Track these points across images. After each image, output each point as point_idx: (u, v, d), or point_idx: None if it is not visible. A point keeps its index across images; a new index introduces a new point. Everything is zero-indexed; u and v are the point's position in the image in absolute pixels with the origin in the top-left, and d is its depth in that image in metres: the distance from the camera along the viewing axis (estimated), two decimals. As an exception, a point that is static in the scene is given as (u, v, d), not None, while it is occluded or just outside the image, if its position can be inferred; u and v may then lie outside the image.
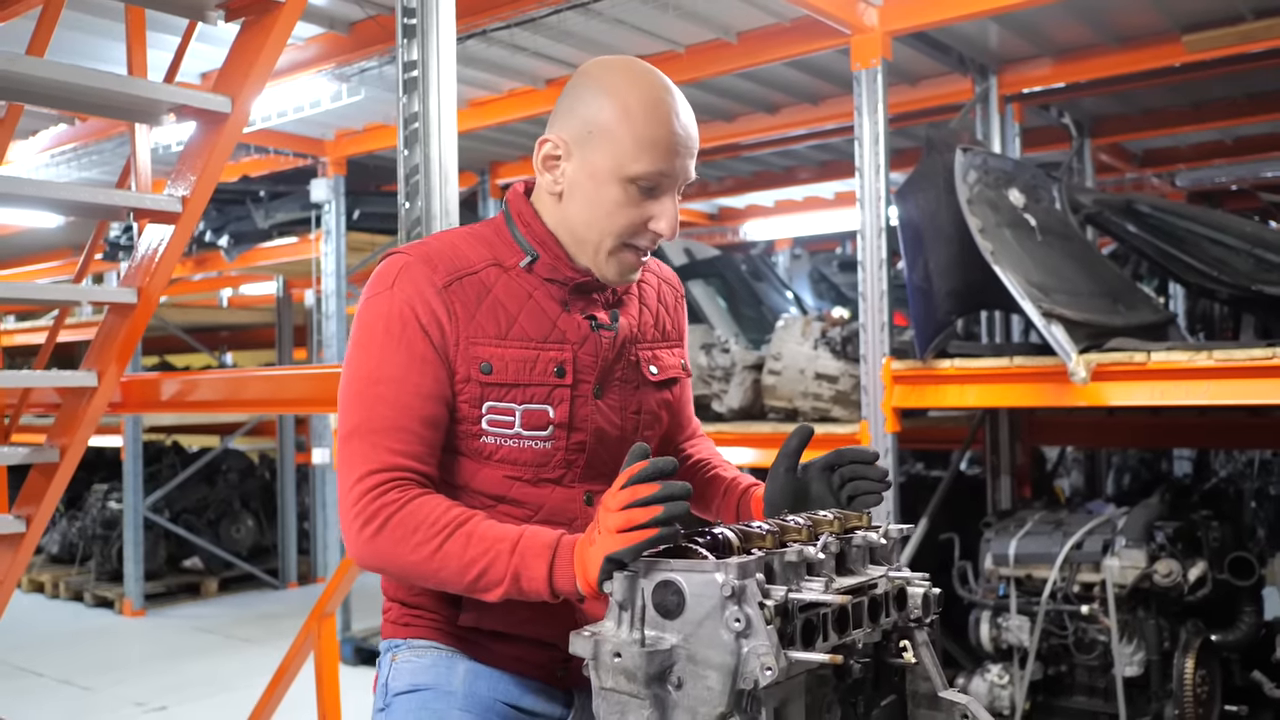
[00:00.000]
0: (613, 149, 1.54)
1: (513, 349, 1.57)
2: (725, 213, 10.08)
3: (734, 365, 5.21)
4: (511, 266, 1.61)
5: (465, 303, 1.56)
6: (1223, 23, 4.84)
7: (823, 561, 1.28)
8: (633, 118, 1.54)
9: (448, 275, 1.56)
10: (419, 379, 1.53)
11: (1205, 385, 3.76)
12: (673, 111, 1.57)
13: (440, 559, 1.45)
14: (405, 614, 1.69)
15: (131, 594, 8.07)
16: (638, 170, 1.54)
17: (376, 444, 1.51)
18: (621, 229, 1.58)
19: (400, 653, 1.68)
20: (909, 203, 4.42)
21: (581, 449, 1.62)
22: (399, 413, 1.52)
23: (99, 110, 3.21)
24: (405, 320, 1.54)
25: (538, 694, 1.66)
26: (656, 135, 1.54)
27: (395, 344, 1.53)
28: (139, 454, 8.17)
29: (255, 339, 11.64)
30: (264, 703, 3.69)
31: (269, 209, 7.30)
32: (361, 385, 1.54)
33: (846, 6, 4.41)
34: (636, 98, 1.55)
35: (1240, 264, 5.00)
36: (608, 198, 1.56)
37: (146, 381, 4.01)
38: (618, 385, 1.66)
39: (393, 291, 1.55)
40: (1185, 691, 4.16)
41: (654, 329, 1.74)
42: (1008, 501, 5.36)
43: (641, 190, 1.56)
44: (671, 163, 1.56)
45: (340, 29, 4.81)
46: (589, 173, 1.57)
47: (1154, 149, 7.80)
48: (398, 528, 1.47)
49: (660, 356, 1.73)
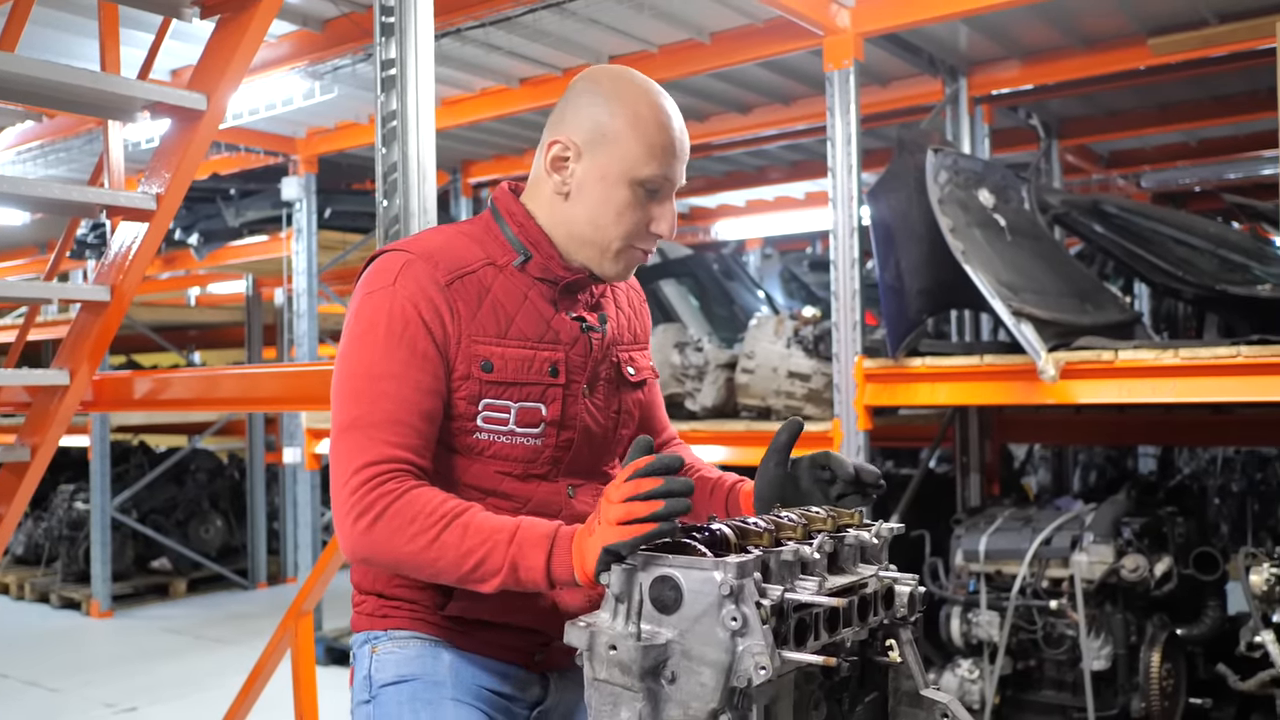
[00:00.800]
0: (624, 153, 1.60)
1: (512, 348, 1.61)
2: (697, 212, 10.10)
3: (707, 364, 5.23)
4: (504, 265, 1.65)
5: (467, 301, 1.60)
6: (1187, 27, 4.92)
7: (817, 560, 1.30)
8: (644, 124, 1.61)
9: (449, 273, 1.60)
10: (420, 375, 1.56)
11: (1171, 383, 3.82)
12: (675, 120, 1.65)
13: (437, 550, 1.47)
14: (383, 606, 1.70)
15: (99, 595, 7.97)
16: (647, 174, 1.61)
17: (374, 437, 1.53)
18: (629, 230, 1.64)
19: (381, 644, 1.69)
20: (880, 202, 4.46)
21: (569, 446, 1.67)
22: (399, 407, 1.55)
23: (72, 107, 3.18)
24: (408, 318, 1.56)
25: (516, 679, 1.71)
26: (664, 141, 1.62)
27: (397, 341, 1.56)
28: (106, 454, 8.08)
29: (223, 338, 11.54)
30: (239, 702, 3.67)
31: (239, 207, 7.24)
32: (361, 380, 1.57)
33: (819, 8, 4.45)
34: (646, 105, 1.62)
35: (1204, 264, 5.09)
36: (617, 199, 1.62)
37: (119, 380, 3.97)
38: (603, 385, 1.72)
39: (395, 288, 1.58)
40: (1151, 685, 4.24)
41: (628, 331, 1.80)
42: (977, 498, 5.42)
43: (647, 193, 1.63)
44: (674, 167, 1.64)
45: (314, 26, 4.79)
46: (599, 175, 1.62)
47: (1120, 150, 7.90)
48: (394, 519, 1.49)
49: (635, 358, 1.80)
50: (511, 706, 1.71)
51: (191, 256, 7.79)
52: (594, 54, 5.31)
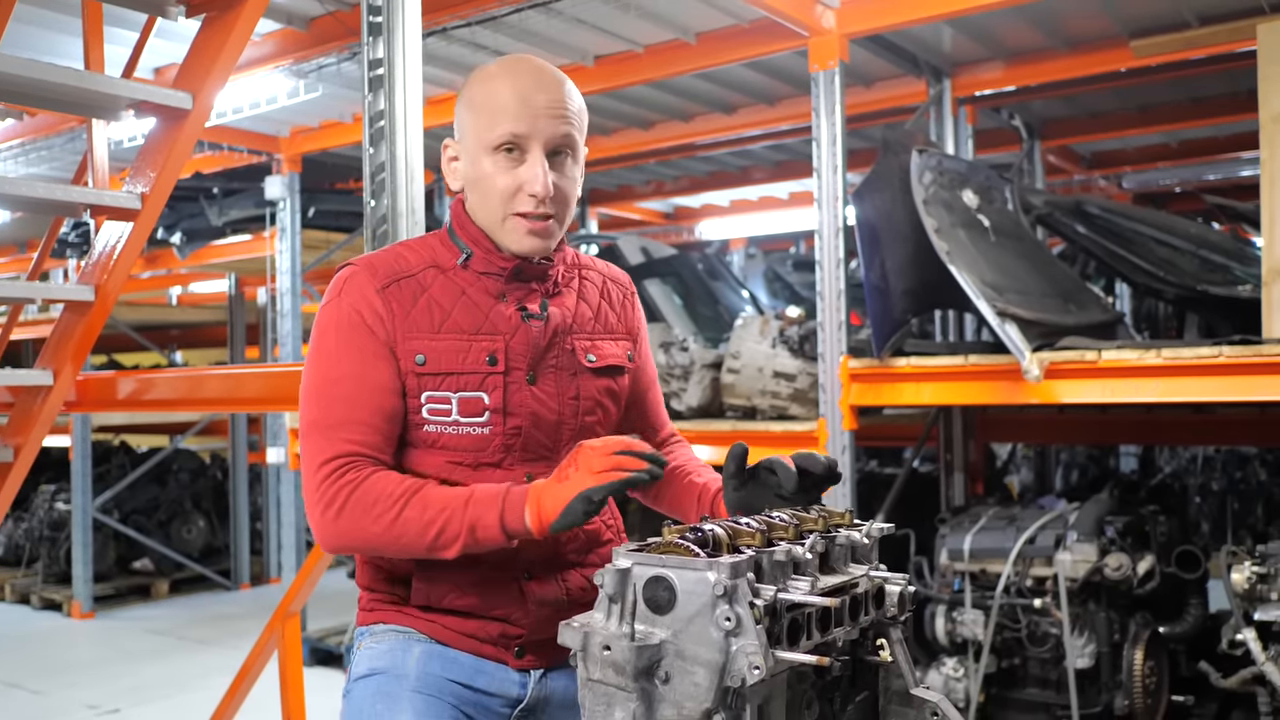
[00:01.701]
0: (475, 126, 1.70)
1: (445, 341, 1.68)
2: (681, 212, 10.13)
3: (692, 364, 5.24)
4: (450, 267, 1.73)
5: (401, 302, 1.68)
6: (1169, 29, 4.95)
7: (809, 560, 1.31)
8: (484, 94, 1.70)
9: (386, 279, 1.70)
10: (371, 374, 1.66)
11: (1154, 383, 3.85)
12: (526, 79, 1.69)
13: (400, 526, 1.57)
14: (370, 599, 1.79)
15: (80, 596, 7.93)
16: (495, 137, 1.67)
17: (333, 436, 1.63)
18: (501, 196, 1.69)
19: (364, 640, 1.78)
20: (866, 203, 4.47)
21: (518, 433, 1.71)
22: (353, 407, 1.64)
23: (57, 106, 3.16)
24: (353, 323, 1.67)
25: (492, 675, 1.73)
26: (504, 102, 1.67)
27: (346, 345, 1.67)
28: (88, 454, 8.04)
29: (205, 337, 11.48)
30: (226, 704, 3.66)
31: (223, 206, 7.21)
32: (319, 385, 1.68)
33: (804, 9, 4.46)
34: (488, 78, 1.71)
35: (1186, 264, 5.13)
36: (484, 172, 1.69)
37: (103, 380, 3.95)
38: (552, 372, 1.75)
39: (340, 299, 1.70)
40: (1134, 682, 4.27)
41: (594, 321, 1.82)
42: (961, 498, 5.45)
43: (508, 156, 1.68)
44: (522, 124, 1.66)
45: (299, 25, 4.77)
46: (469, 159, 1.72)
47: (1101, 151, 7.96)
48: (357, 504, 1.59)
49: (600, 346, 1.81)
50: (486, 702, 1.73)
51: (174, 255, 7.75)
52: (580, 53, 5.31)
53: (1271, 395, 3.68)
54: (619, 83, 5.45)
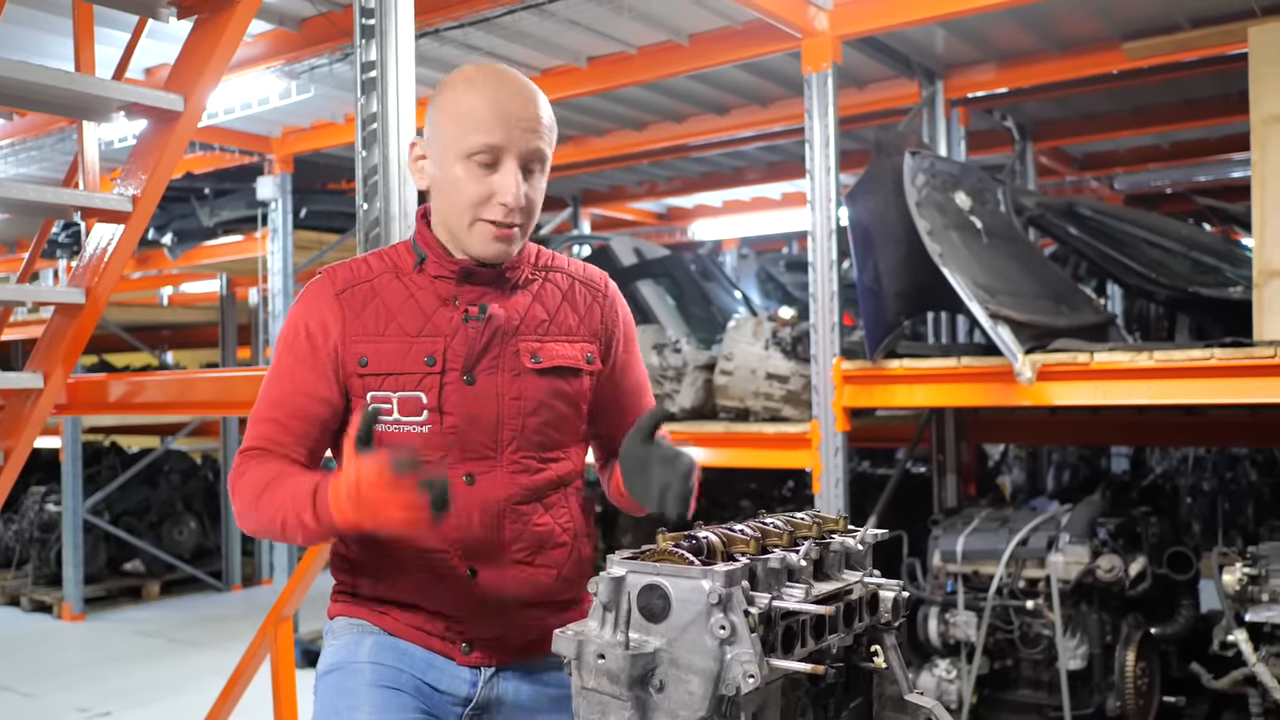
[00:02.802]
0: (448, 133, 1.72)
1: (388, 343, 1.74)
2: (674, 212, 10.12)
3: (686, 365, 5.24)
4: (406, 271, 1.80)
5: (353, 307, 1.76)
6: (1161, 31, 4.96)
7: (803, 568, 1.31)
8: (461, 103, 1.72)
9: (343, 285, 1.78)
10: (297, 378, 1.75)
11: (1146, 385, 3.86)
12: (502, 91, 1.72)
13: (259, 514, 1.67)
14: (335, 590, 1.88)
15: (71, 598, 7.89)
16: (469, 145, 1.69)
17: (252, 430, 1.75)
18: (471, 202, 1.72)
19: (327, 638, 1.86)
20: (858, 205, 4.48)
21: (455, 431, 1.74)
22: (273, 406, 1.75)
23: (47, 108, 3.15)
24: (295, 331, 1.77)
25: (442, 670, 1.77)
26: (482, 113, 1.70)
27: (286, 351, 1.77)
28: (78, 455, 8.01)
29: (197, 338, 11.44)
30: (218, 708, 3.65)
31: (214, 207, 7.18)
32: (264, 384, 1.80)
33: (797, 10, 4.46)
34: (464, 87, 1.73)
35: (1177, 266, 5.14)
36: (453, 176, 1.72)
37: (93, 383, 3.94)
38: (490, 373, 1.76)
39: (296, 306, 1.80)
40: (1126, 683, 4.28)
41: (548, 323, 1.82)
42: (954, 499, 5.46)
43: (481, 165, 1.70)
44: (497, 136, 1.69)
45: (290, 25, 4.75)
46: (438, 160, 1.75)
47: (1093, 153, 7.97)
48: (241, 492, 1.69)
49: (549, 348, 1.80)
50: (438, 700, 1.76)
51: (165, 256, 7.72)
52: (573, 55, 5.30)
53: (1262, 397, 3.69)
54: (612, 84, 5.44)
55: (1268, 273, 3.94)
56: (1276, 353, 3.57)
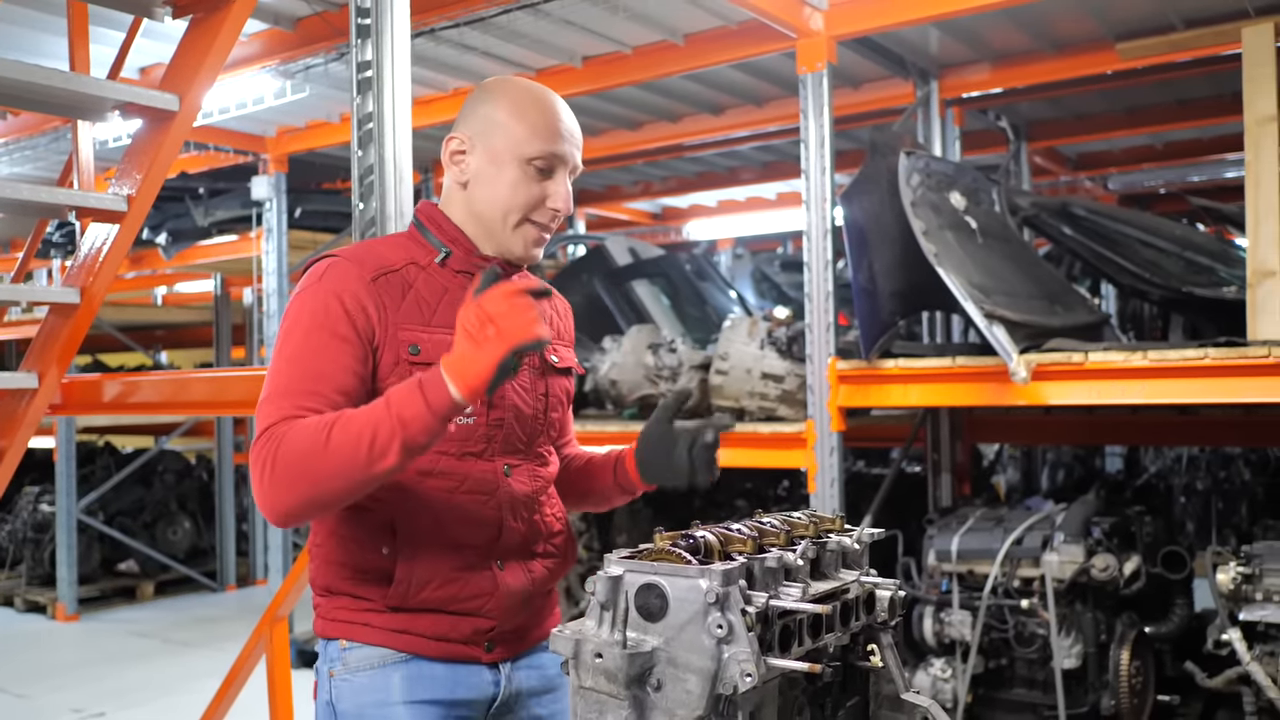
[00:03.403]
0: (510, 135, 1.76)
1: (437, 334, 1.72)
2: (669, 212, 10.13)
3: (681, 365, 5.24)
4: (427, 265, 1.79)
5: (391, 295, 1.72)
6: (1155, 32, 4.97)
7: (800, 567, 1.31)
8: (525, 110, 1.78)
9: (375, 271, 1.73)
10: (336, 353, 1.65)
11: (1140, 385, 3.87)
12: (559, 107, 1.81)
13: (331, 453, 1.52)
14: (332, 606, 1.77)
15: (65, 598, 7.88)
16: (533, 151, 1.75)
17: (281, 404, 1.61)
18: (523, 204, 1.77)
19: (336, 669, 1.75)
20: (854, 205, 4.48)
21: (500, 425, 1.78)
22: (312, 380, 1.63)
23: (42, 107, 3.14)
24: (329, 308, 1.67)
25: (468, 681, 1.76)
26: (547, 123, 1.77)
27: (319, 327, 1.67)
28: (72, 455, 7.99)
29: (191, 337, 11.43)
30: (213, 708, 3.64)
31: (209, 206, 7.17)
32: (282, 363, 1.67)
33: (792, 11, 4.46)
34: (528, 96, 1.80)
35: (1171, 266, 5.15)
36: (508, 177, 1.76)
37: (88, 383, 3.93)
38: (527, 369, 1.84)
39: (320, 284, 1.71)
40: (1121, 682, 4.28)
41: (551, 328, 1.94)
42: (949, 498, 5.46)
43: (538, 170, 1.77)
44: (560, 146, 1.78)
45: (285, 25, 4.75)
46: (490, 159, 1.77)
47: (1087, 153, 7.99)
48: (286, 454, 1.55)
49: (560, 350, 1.93)
50: (466, 713, 1.77)
51: (159, 256, 7.71)
52: (568, 54, 5.30)
53: (1256, 396, 3.70)
54: (607, 84, 5.45)
55: (1261, 273, 3.95)
56: (1270, 352, 3.58)
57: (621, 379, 5.31)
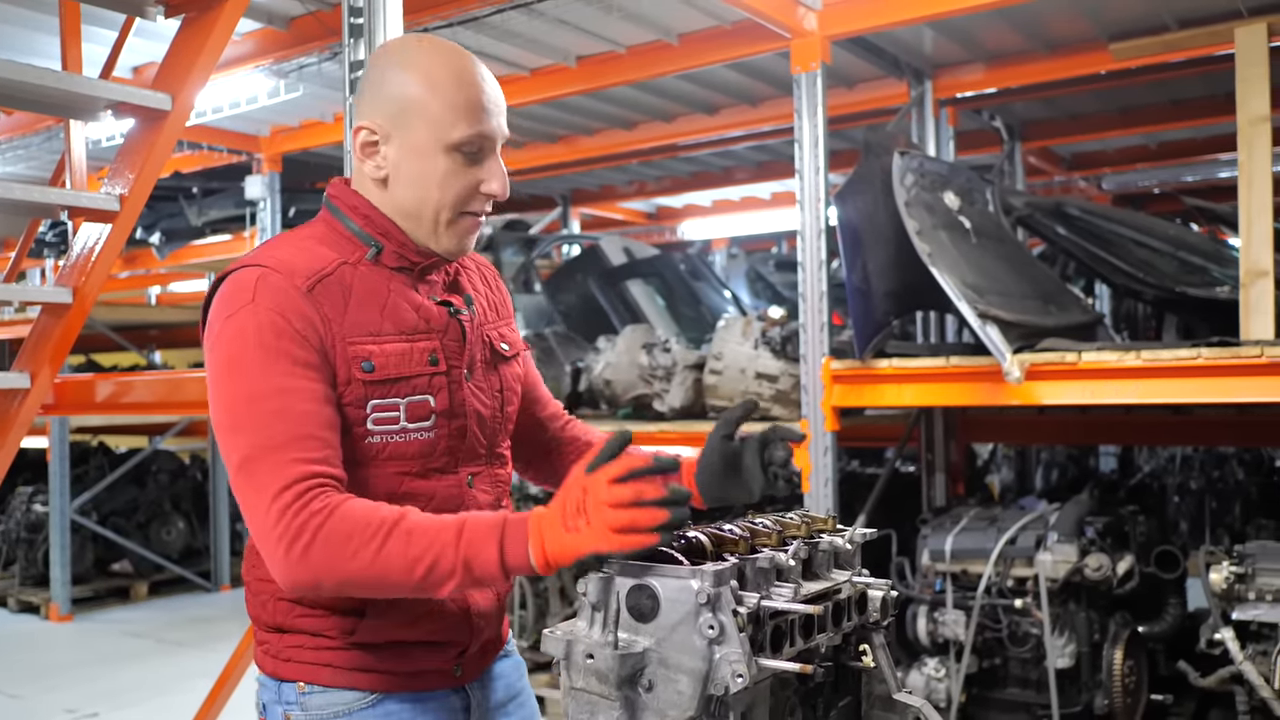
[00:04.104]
0: (429, 121, 1.55)
1: (389, 343, 1.55)
2: (663, 212, 10.13)
3: (675, 365, 5.23)
4: (358, 261, 1.59)
5: (332, 304, 1.52)
6: (1148, 32, 4.97)
7: (792, 567, 1.31)
8: (441, 87, 1.55)
9: (308, 278, 1.52)
10: (307, 384, 1.47)
11: (1134, 385, 3.87)
12: (477, 74, 1.58)
13: (383, 562, 1.38)
14: (283, 644, 1.61)
15: (58, 598, 7.87)
16: (458, 137, 1.55)
17: (280, 460, 1.42)
18: (457, 197, 1.58)
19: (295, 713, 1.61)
20: (847, 205, 4.48)
21: (463, 434, 1.62)
22: (297, 422, 1.45)
23: (34, 106, 3.14)
24: (278, 329, 1.47)
25: (440, 712, 1.65)
26: (469, 99, 1.55)
27: (273, 356, 1.46)
28: (66, 455, 7.98)
29: (185, 337, 11.38)
30: (207, 708, 3.63)
31: (202, 206, 7.17)
32: (244, 407, 1.46)
33: (786, 11, 4.46)
34: (439, 66, 1.57)
35: (1164, 266, 5.16)
36: (436, 170, 1.56)
37: (81, 383, 3.92)
38: (481, 366, 1.68)
39: (255, 304, 1.49)
40: (1114, 682, 4.29)
41: (490, 309, 1.75)
42: (943, 498, 5.47)
43: (466, 156, 1.57)
44: (488, 123, 1.57)
45: (279, 24, 4.74)
46: (411, 150, 1.57)
47: (1081, 153, 7.99)
48: (330, 538, 1.39)
49: (505, 334, 1.75)
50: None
51: (153, 255, 7.70)
52: (562, 54, 5.30)
53: (1249, 396, 3.71)
54: (601, 83, 5.44)
55: (1254, 273, 3.96)
56: (1263, 352, 3.59)
57: (616, 379, 5.31)
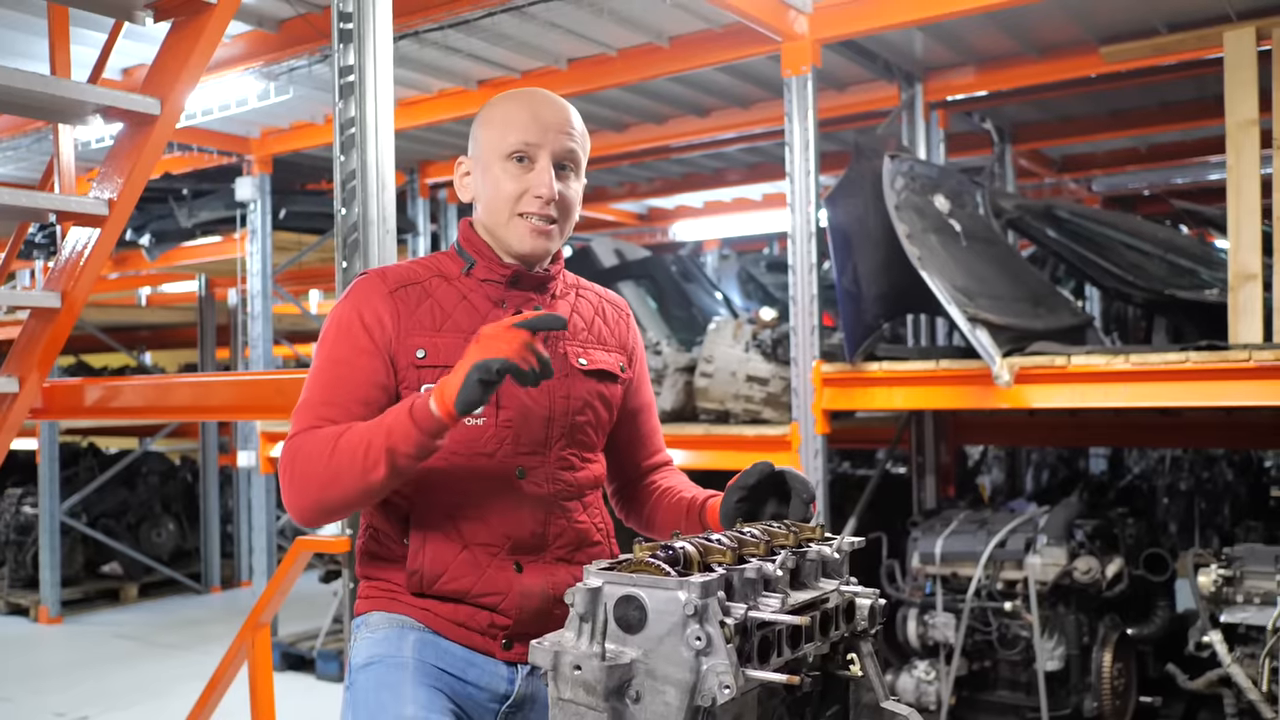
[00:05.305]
0: (487, 138, 1.86)
1: (445, 338, 1.80)
2: (655, 213, 10.12)
3: (666, 367, 5.24)
4: (454, 275, 1.88)
5: (408, 305, 1.82)
6: (1138, 35, 4.99)
7: (780, 577, 1.31)
8: (499, 109, 1.88)
9: (396, 284, 1.84)
10: (357, 365, 1.78)
11: (1122, 388, 3.89)
12: (537, 99, 1.88)
13: (334, 462, 1.66)
14: (367, 587, 1.88)
15: (48, 601, 7.84)
16: (506, 146, 1.83)
17: (308, 413, 1.76)
18: (508, 198, 1.83)
19: (360, 631, 1.86)
20: (838, 208, 4.49)
21: (510, 425, 1.81)
22: (334, 390, 1.77)
23: (22, 110, 3.12)
24: (350, 322, 1.81)
25: (482, 668, 1.80)
26: (518, 116, 1.85)
27: (343, 339, 1.80)
28: (55, 456, 7.94)
29: (175, 338, 11.37)
30: (197, 711, 3.63)
31: (192, 207, 7.13)
32: (314, 369, 1.82)
33: (777, 14, 4.47)
34: (506, 98, 1.90)
35: (1154, 269, 5.17)
36: (494, 177, 1.85)
37: (70, 387, 3.91)
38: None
39: (345, 301, 1.84)
40: (1103, 684, 4.31)
41: (585, 332, 1.95)
42: (933, 500, 5.48)
43: (518, 163, 1.83)
44: (532, 134, 1.83)
45: (269, 27, 4.73)
46: (481, 169, 1.88)
47: (1072, 155, 8.01)
48: (303, 462, 1.69)
49: (591, 353, 1.93)
50: (476, 695, 1.79)
51: (143, 257, 7.67)
52: (553, 57, 5.30)
53: (1237, 399, 3.73)
54: (593, 86, 5.45)
55: (1242, 276, 3.97)
56: (1250, 356, 3.61)
57: (607, 381, 5.30)
